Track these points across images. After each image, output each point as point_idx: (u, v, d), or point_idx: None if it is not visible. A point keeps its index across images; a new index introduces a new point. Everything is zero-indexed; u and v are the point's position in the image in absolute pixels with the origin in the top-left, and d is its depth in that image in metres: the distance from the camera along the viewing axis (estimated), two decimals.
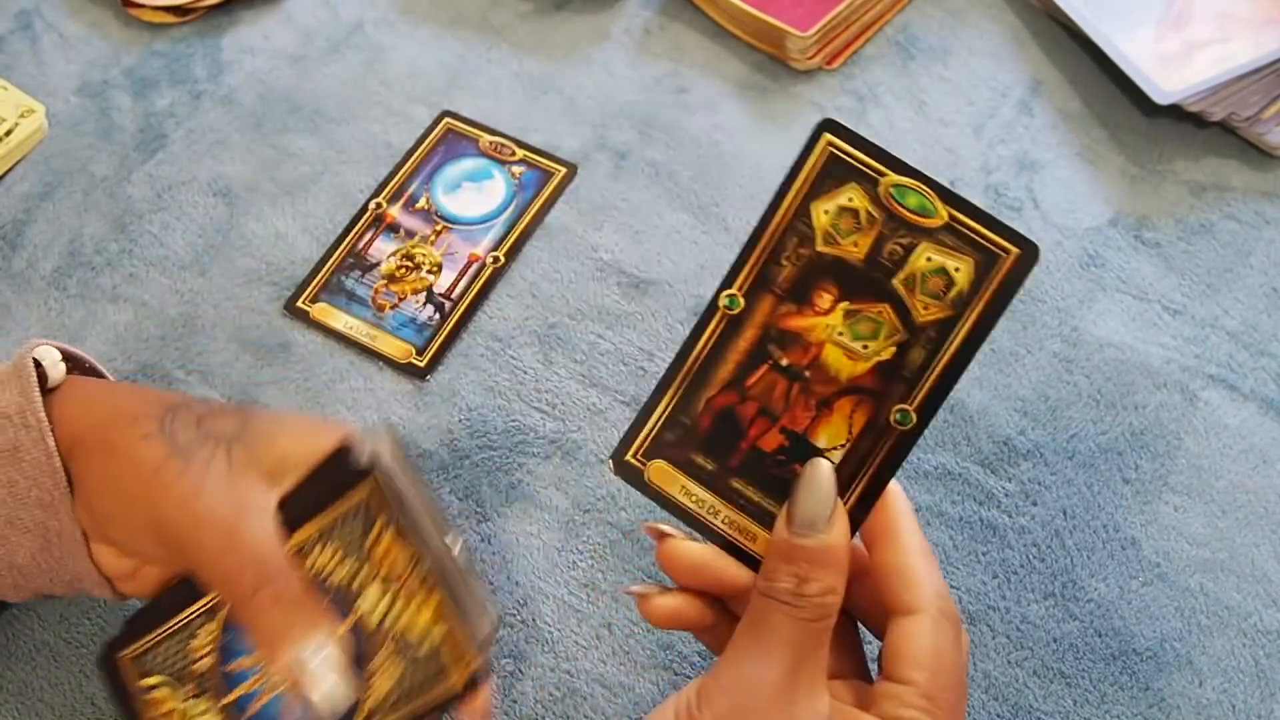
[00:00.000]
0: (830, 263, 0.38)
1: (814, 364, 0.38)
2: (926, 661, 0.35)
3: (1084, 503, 0.54)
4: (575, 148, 0.66)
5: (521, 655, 0.51)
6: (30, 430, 0.43)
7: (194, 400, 0.46)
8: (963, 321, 0.37)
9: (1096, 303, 0.60)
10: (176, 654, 0.44)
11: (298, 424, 0.46)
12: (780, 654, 0.35)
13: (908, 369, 0.37)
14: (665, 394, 0.39)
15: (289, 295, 0.61)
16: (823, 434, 0.38)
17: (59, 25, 0.72)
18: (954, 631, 0.37)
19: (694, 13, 0.71)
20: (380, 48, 0.71)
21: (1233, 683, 0.50)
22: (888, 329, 0.37)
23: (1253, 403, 0.57)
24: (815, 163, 0.38)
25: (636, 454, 0.39)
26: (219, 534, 0.41)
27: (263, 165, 0.66)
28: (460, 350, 0.59)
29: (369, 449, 0.44)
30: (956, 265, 0.37)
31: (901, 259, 0.37)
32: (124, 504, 0.42)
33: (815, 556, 0.35)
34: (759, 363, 0.38)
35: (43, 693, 0.50)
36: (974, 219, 0.37)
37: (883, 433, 0.37)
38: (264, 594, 0.41)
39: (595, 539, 0.54)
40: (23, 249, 0.63)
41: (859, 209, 0.37)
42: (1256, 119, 0.63)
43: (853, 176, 0.37)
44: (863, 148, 0.37)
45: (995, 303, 0.37)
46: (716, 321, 0.38)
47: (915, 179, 0.37)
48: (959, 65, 0.69)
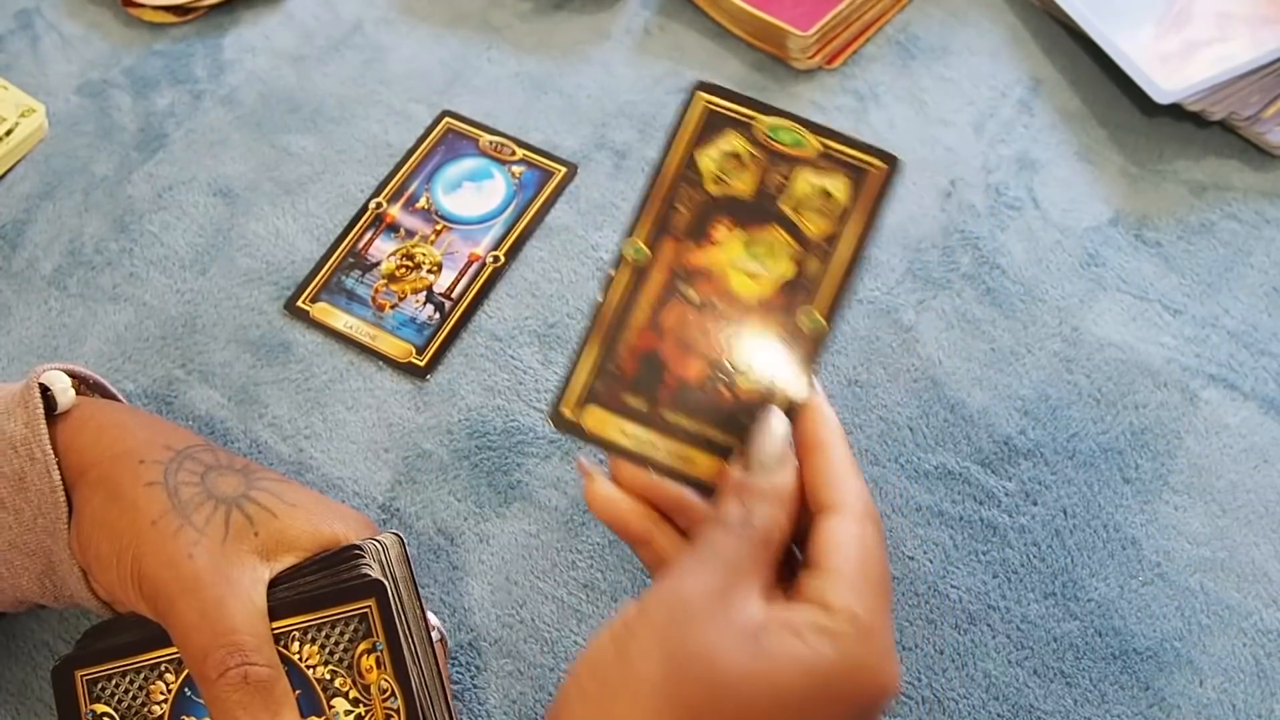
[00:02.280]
0: (722, 201, 0.42)
1: (722, 293, 0.41)
2: (851, 554, 0.37)
3: (1084, 502, 0.54)
4: (575, 147, 0.66)
5: (521, 655, 0.51)
6: (36, 463, 0.43)
7: (203, 447, 0.45)
8: (849, 229, 0.41)
9: (1096, 302, 0.60)
10: (134, 693, 0.44)
11: (303, 500, 0.45)
12: (717, 567, 0.36)
13: (808, 280, 0.41)
14: (587, 347, 0.41)
15: (289, 295, 0.61)
16: (739, 354, 0.41)
17: (59, 25, 0.72)
18: (876, 532, 0.38)
19: (694, 13, 0.71)
20: (380, 47, 0.71)
21: (1233, 682, 0.50)
22: (783, 247, 0.41)
23: (1253, 402, 0.57)
24: (694, 119, 0.42)
25: (571, 406, 0.41)
26: (198, 604, 0.41)
27: (263, 165, 0.66)
28: (460, 350, 0.59)
29: (379, 559, 0.44)
30: (834, 184, 0.41)
31: (785, 187, 0.41)
32: (114, 549, 0.42)
33: (765, 493, 0.37)
34: (671, 300, 0.41)
35: (42, 693, 0.50)
36: (843, 144, 0.41)
37: (794, 339, 0.41)
38: (232, 673, 0.40)
39: (595, 539, 0.54)
40: (23, 249, 0.63)
41: (740, 151, 0.42)
42: (1256, 118, 0.62)
43: (730, 125, 0.42)
44: (735, 99, 0.42)
45: (874, 209, 0.41)
46: (624, 272, 0.41)
47: (787, 118, 0.42)
48: (959, 65, 0.69)
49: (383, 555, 0.45)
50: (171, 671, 0.44)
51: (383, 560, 0.45)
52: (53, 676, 0.44)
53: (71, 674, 0.44)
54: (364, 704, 0.43)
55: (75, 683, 0.44)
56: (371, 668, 0.43)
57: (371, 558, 0.44)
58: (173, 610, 0.41)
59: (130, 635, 0.44)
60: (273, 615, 0.42)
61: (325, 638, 0.43)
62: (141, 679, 0.44)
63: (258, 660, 0.41)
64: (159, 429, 0.46)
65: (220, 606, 0.41)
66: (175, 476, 0.43)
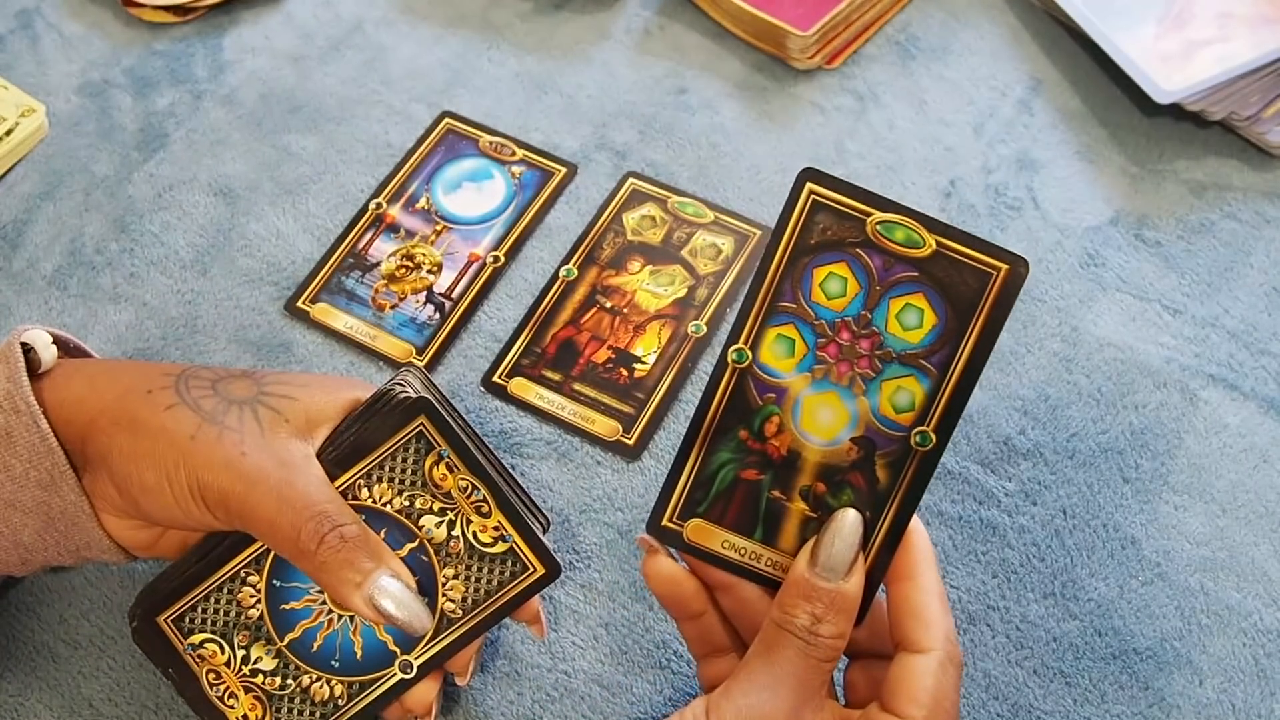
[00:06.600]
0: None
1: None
2: (926, 700, 0.37)
3: (1084, 502, 0.54)
4: (575, 148, 0.66)
5: (518, 656, 0.51)
6: (21, 415, 0.43)
7: (197, 367, 0.46)
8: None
9: (1096, 302, 0.60)
10: (224, 608, 0.45)
11: (312, 381, 0.47)
12: (790, 687, 0.38)
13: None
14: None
15: (289, 295, 0.61)
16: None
17: (59, 25, 0.73)
18: (957, 676, 0.38)
19: (694, 13, 0.71)
20: (380, 47, 0.71)
21: (1233, 682, 0.50)
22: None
23: (1253, 402, 0.56)
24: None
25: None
26: (272, 491, 0.42)
27: (263, 165, 0.66)
28: (460, 350, 0.59)
29: (411, 387, 0.46)
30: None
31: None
32: (160, 475, 0.42)
33: (832, 600, 0.38)
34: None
35: (42, 693, 0.50)
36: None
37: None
38: (330, 537, 0.42)
39: (592, 539, 0.54)
40: (23, 249, 0.63)
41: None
42: (1257, 118, 0.62)
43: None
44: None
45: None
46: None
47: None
48: (959, 65, 0.69)
49: (412, 384, 0.46)
50: (254, 573, 0.45)
51: (414, 387, 0.46)
52: (136, 636, 0.45)
53: (154, 623, 0.45)
54: (451, 510, 0.45)
55: (161, 629, 0.45)
56: (445, 475, 0.44)
57: (404, 388, 0.45)
58: (247, 505, 0.42)
59: (189, 567, 0.45)
60: (331, 478, 0.44)
61: (390, 471, 0.44)
62: (226, 594, 0.45)
63: (345, 520, 0.42)
64: (145, 365, 0.46)
65: (291, 487, 0.42)
66: (190, 394, 0.44)
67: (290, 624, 0.45)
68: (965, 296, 0.38)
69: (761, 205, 0.63)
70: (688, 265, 0.60)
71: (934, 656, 0.38)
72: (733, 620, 0.43)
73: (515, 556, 0.45)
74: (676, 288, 0.59)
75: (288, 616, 0.45)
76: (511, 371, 0.57)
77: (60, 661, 0.51)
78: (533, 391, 0.57)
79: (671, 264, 0.60)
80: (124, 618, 0.51)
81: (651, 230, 0.61)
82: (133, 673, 0.51)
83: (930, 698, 0.37)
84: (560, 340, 0.58)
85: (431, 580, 0.44)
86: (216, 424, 0.43)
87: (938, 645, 0.38)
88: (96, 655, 0.51)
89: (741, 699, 0.38)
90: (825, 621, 0.38)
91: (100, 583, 0.53)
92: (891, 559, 0.39)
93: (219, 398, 0.44)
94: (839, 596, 0.38)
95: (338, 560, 0.42)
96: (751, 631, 0.41)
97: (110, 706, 0.50)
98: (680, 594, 0.42)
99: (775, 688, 0.38)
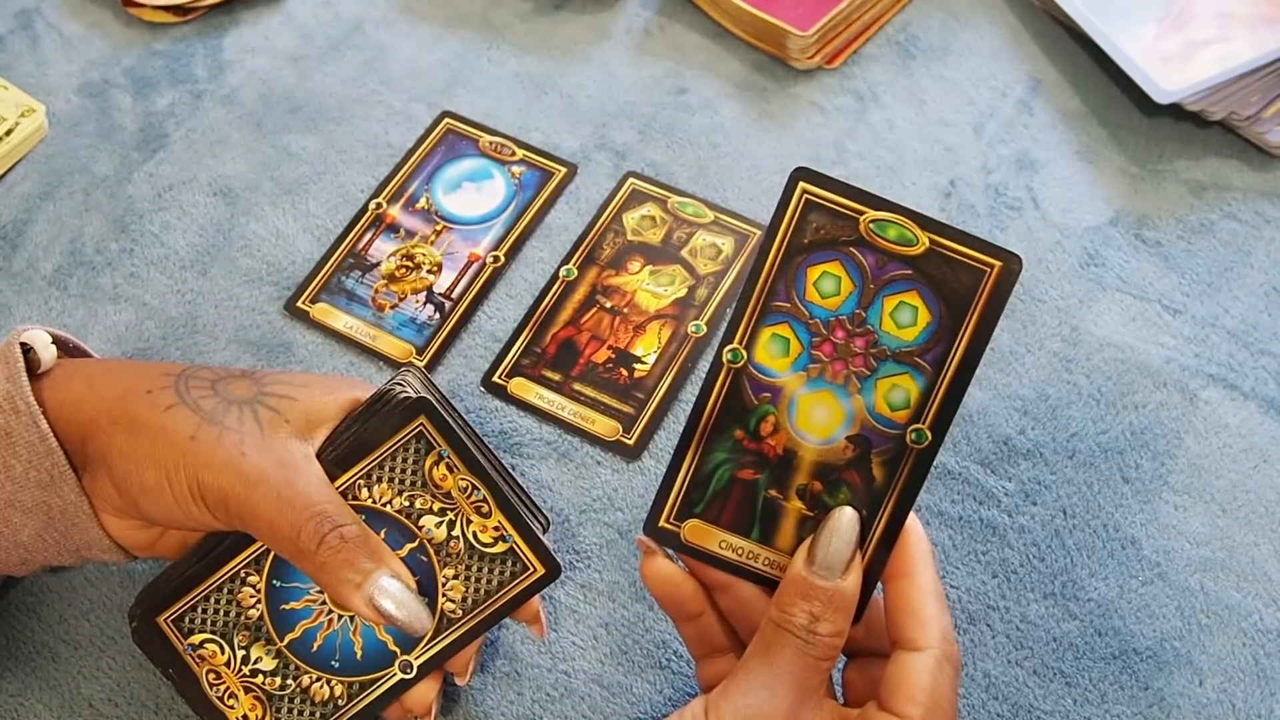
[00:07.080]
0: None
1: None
2: (923, 698, 0.37)
3: (1084, 502, 0.54)
4: (575, 148, 0.66)
5: (518, 656, 0.51)
6: (20, 415, 0.43)
7: (196, 367, 0.46)
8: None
9: (1096, 302, 0.60)
10: (223, 608, 0.45)
11: (312, 380, 0.47)
12: (789, 685, 0.38)
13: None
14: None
15: (289, 295, 0.61)
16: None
17: (59, 25, 0.73)
18: (954, 674, 0.38)
19: (694, 13, 0.71)
20: (380, 47, 0.71)
21: (1233, 682, 0.50)
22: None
23: (1253, 402, 0.56)
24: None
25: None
26: (272, 492, 0.42)
27: (263, 165, 0.66)
28: (460, 350, 0.59)
29: (411, 387, 0.46)
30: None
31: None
32: (161, 476, 0.42)
33: (830, 598, 0.38)
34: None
35: (42, 693, 0.50)
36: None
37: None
38: (330, 538, 0.42)
39: (591, 539, 0.54)
40: (23, 249, 0.63)
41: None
42: (1257, 118, 0.62)
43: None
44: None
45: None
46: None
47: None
48: (959, 65, 0.69)
49: (412, 384, 0.46)
50: (254, 573, 0.45)
51: (414, 387, 0.46)
52: (135, 636, 0.45)
53: (154, 623, 0.45)
54: (451, 510, 0.45)
55: (161, 629, 0.45)
56: (445, 475, 0.44)
57: (404, 388, 0.45)
58: (247, 506, 0.42)
59: (189, 567, 0.45)
60: (331, 478, 0.44)
61: (390, 471, 0.44)
62: (226, 594, 0.45)
63: (345, 520, 0.42)
64: (145, 365, 0.46)
65: (291, 487, 0.42)
66: (189, 395, 0.44)
67: (290, 624, 0.45)
68: (959, 293, 0.38)
69: (761, 205, 0.63)
70: (688, 265, 0.60)
71: (931, 654, 0.38)
72: (731, 620, 0.43)
73: (515, 556, 0.45)
74: (676, 288, 0.60)
75: (288, 616, 0.45)
76: (511, 371, 0.58)
77: (60, 661, 0.51)
78: (533, 391, 0.57)
79: (671, 264, 0.61)
80: (124, 618, 0.51)
81: (651, 230, 0.62)
82: (133, 673, 0.51)
83: (927, 696, 0.37)
84: (560, 340, 0.58)
85: (431, 580, 0.44)
86: (216, 424, 0.43)
87: (935, 643, 0.38)
88: (96, 655, 0.51)
89: (740, 698, 0.38)
90: (823, 620, 0.38)
91: (100, 583, 0.53)
92: (889, 557, 0.39)
93: (219, 398, 0.44)
94: (837, 595, 0.38)
95: (338, 561, 0.42)
96: (750, 631, 0.41)
97: (110, 706, 0.50)
98: (678, 595, 0.42)
99: (774, 687, 0.38)
